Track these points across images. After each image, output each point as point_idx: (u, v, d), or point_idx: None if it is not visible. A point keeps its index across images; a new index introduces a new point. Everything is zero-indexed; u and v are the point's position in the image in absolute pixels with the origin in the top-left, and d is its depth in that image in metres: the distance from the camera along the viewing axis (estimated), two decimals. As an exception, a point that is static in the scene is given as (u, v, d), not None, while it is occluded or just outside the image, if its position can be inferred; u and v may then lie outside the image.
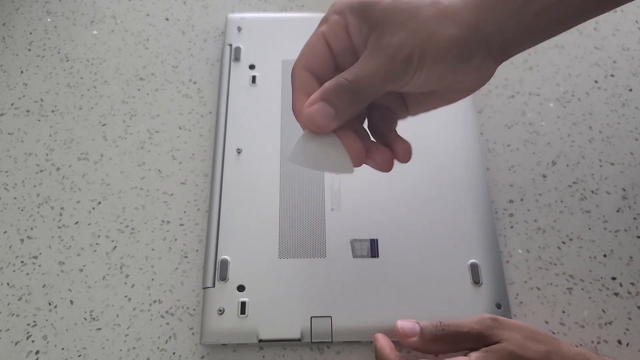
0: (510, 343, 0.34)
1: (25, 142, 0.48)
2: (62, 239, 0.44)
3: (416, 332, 0.36)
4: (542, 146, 0.48)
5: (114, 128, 0.48)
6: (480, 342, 0.35)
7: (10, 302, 0.41)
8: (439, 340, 0.35)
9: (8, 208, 0.45)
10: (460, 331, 0.35)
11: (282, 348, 0.40)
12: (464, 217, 0.42)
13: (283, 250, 0.41)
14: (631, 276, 0.42)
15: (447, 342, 0.35)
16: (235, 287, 0.40)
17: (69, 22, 0.54)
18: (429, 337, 0.36)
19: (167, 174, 0.46)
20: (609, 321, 0.41)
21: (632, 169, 0.47)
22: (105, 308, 0.41)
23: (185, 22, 0.54)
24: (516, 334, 0.35)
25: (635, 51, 0.53)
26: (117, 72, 0.51)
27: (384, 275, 0.40)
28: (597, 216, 0.45)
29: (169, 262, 0.43)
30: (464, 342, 0.35)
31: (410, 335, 0.36)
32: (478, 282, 0.40)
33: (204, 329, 0.39)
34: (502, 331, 0.35)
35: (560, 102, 0.50)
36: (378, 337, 0.37)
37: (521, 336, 0.35)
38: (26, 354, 0.40)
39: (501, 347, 0.34)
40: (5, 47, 0.52)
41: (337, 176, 0.44)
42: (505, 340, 0.34)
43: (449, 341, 0.35)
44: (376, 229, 0.42)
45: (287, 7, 0.55)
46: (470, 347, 0.35)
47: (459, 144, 0.46)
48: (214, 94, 0.50)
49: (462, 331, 0.35)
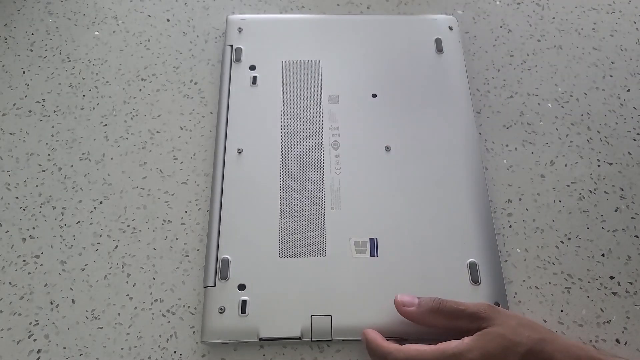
0: (503, 327, 0.35)
1: (27, 142, 0.48)
2: (64, 238, 0.44)
3: (414, 304, 0.37)
4: (541, 146, 0.48)
5: (115, 128, 0.49)
6: (474, 323, 0.36)
7: (12, 301, 0.42)
8: (435, 312, 0.37)
9: (10, 208, 0.45)
10: (457, 308, 0.36)
11: (283, 346, 0.40)
12: (463, 217, 0.43)
13: (283, 249, 0.41)
14: (629, 275, 0.43)
15: (443, 315, 0.36)
16: (236, 286, 0.40)
17: (70, 22, 0.54)
18: (426, 308, 0.37)
19: (168, 173, 0.47)
20: (607, 320, 0.41)
21: (630, 168, 0.47)
22: (106, 307, 0.41)
23: (186, 23, 0.54)
24: (511, 321, 0.36)
25: (633, 52, 0.53)
26: (118, 72, 0.51)
27: (384, 274, 0.40)
28: (596, 216, 0.45)
29: (170, 262, 0.43)
30: (459, 319, 0.36)
31: (408, 305, 0.37)
32: (477, 281, 0.40)
33: (205, 328, 0.39)
34: (497, 317, 0.36)
35: (559, 102, 0.50)
36: (367, 330, 0.38)
37: (516, 323, 0.35)
38: (28, 353, 0.40)
39: (493, 330, 0.35)
40: (7, 47, 0.53)
41: (337, 176, 0.44)
42: (499, 325, 0.35)
43: (445, 315, 0.36)
44: (376, 229, 0.42)
45: (287, 8, 0.55)
46: (464, 325, 0.36)
47: (457, 144, 0.46)
48: (214, 94, 0.50)
49: (459, 308, 0.36)
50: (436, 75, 0.49)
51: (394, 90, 0.48)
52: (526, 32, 0.54)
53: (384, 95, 0.48)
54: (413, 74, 0.49)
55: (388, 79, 0.49)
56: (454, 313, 0.36)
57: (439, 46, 0.51)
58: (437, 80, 0.49)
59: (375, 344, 0.37)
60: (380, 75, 0.49)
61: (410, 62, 0.50)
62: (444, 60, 0.50)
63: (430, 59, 0.50)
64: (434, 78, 0.49)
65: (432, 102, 0.48)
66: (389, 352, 0.35)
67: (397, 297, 0.38)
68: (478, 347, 0.34)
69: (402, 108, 0.48)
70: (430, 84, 0.49)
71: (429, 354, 0.34)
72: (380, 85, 0.49)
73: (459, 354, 0.34)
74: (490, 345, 0.34)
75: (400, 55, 0.50)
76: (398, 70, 0.49)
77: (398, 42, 0.51)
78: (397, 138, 0.46)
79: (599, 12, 0.55)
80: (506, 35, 0.54)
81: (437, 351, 0.34)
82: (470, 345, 0.34)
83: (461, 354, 0.34)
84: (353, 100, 0.48)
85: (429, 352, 0.35)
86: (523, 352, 0.34)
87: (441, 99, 0.48)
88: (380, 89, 0.48)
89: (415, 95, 0.48)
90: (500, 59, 0.52)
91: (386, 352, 0.36)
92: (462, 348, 0.34)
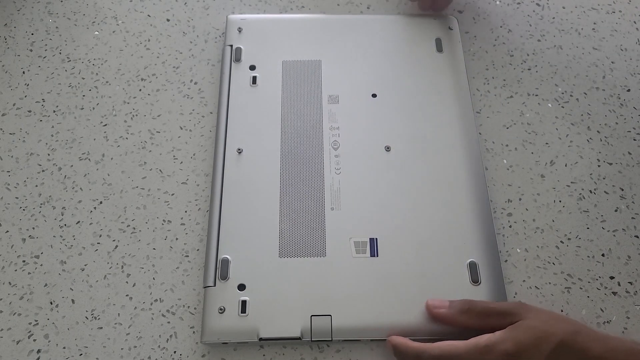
0: (534, 320, 0.35)
1: (27, 142, 0.48)
2: (64, 238, 0.44)
3: (445, 305, 0.38)
4: (541, 146, 0.48)
5: (115, 128, 0.49)
6: (506, 319, 0.36)
7: (12, 301, 0.42)
8: (466, 312, 0.37)
9: (10, 208, 0.45)
10: (488, 306, 0.37)
11: (282, 347, 0.40)
12: (463, 217, 0.43)
13: (283, 249, 0.41)
14: (629, 275, 0.43)
15: (474, 314, 0.37)
16: (236, 286, 0.40)
17: (70, 22, 0.54)
18: (457, 309, 0.37)
19: (168, 173, 0.47)
20: (607, 320, 0.41)
21: (630, 168, 0.47)
22: (106, 307, 0.41)
23: (186, 23, 0.54)
24: (543, 314, 0.36)
25: (633, 52, 0.53)
26: (118, 72, 0.51)
27: (384, 275, 0.40)
28: (596, 216, 0.45)
29: (170, 261, 0.43)
30: (490, 316, 0.36)
31: (440, 307, 0.38)
32: (477, 281, 0.40)
33: (205, 328, 0.39)
34: (529, 311, 0.36)
35: (559, 102, 0.50)
36: (392, 337, 0.38)
37: (548, 317, 0.35)
38: (27, 353, 0.40)
39: (525, 323, 0.35)
40: (7, 47, 0.53)
41: (337, 176, 0.44)
42: (530, 318, 0.35)
43: (476, 313, 0.37)
44: (376, 229, 0.42)
45: (287, 8, 0.55)
46: (496, 323, 0.36)
47: (457, 144, 0.46)
48: (214, 94, 0.50)
49: (490, 306, 0.37)
50: (436, 75, 0.49)
51: (394, 90, 0.48)
52: (526, 32, 0.54)
53: (384, 95, 0.48)
54: (413, 74, 0.49)
55: (388, 79, 0.49)
56: (485, 311, 0.37)
57: (439, 46, 0.51)
58: (437, 80, 0.49)
59: (405, 346, 0.37)
60: (380, 75, 0.49)
61: (410, 62, 0.50)
62: (444, 60, 0.50)
63: (430, 59, 0.50)
64: (434, 78, 0.49)
65: (432, 102, 0.48)
66: (422, 350, 0.36)
67: (428, 301, 0.39)
68: (510, 338, 0.34)
69: (402, 108, 0.48)
70: (430, 84, 0.49)
71: (462, 348, 0.35)
72: (380, 85, 0.49)
73: (492, 345, 0.34)
74: (523, 336, 0.34)
75: (400, 55, 0.50)
76: (398, 70, 0.49)
77: (398, 42, 0.51)
78: (397, 138, 0.46)
79: (599, 12, 0.55)
80: (506, 35, 0.54)
81: (469, 344, 0.35)
82: (503, 337, 0.34)
83: (494, 345, 0.34)
84: (353, 100, 0.48)
85: (462, 346, 0.35)
86: (556, 342, 0.34)
87: (441, 99, 0.48)
88: (380, 89, 0.48)
89: (415, 95, 0.48)
90: (500, 59, 0.52)
91: (419, 351, 0.36)
92: (494, 340, 0.34)
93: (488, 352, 0.34)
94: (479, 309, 0.37)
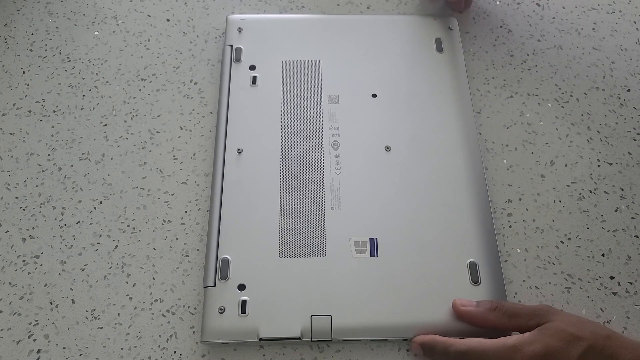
0: (563, 323, 0.35)
1: (27, 142, 0.48)
2: (64, 238, 0.44)
3: (472, 304, 0.38)
4: (541, 146, 0.48)
5: (115, 128, 0.49)
6: (533, 320, 0.36)
7: (12, 301, 0.42)
8: (493, 310, 0.37)
9: (10, 208, 0.45)
10: (515, 307, 0.37)
11: (282, 347, 0.40)
12: (463, 217, 0.43)
13: (283, 249, 0.41)
14: (629, 275, 0.43)
15: (501, 313, 0.37)
16: (236, 286, 0.40)
17: (70, 22, 0.54)
18: (485, 307, 0.38)
19: (168, 173, 0.47)
20: (608, 320, 0.41)
21: (630, 168, 0.47)
22: (106, 307, 0.41)
23: (186, 23, 0.54)
24: (572, 317, 0.36)
25: (633, 52, 0.53)
26: (118, 72, 0.51)
27: (384, 275, 0.40)
28: (596, 216, 0.45)
29: (170, 261, 0.43)
30: (517, 316, 0.37)
31: (467, 305, 0.38)
32: (477, 281, 0.40)
33: (205, 328, 0.39)
34: (557, 314, 0.36)
35: (559, 102, 0.50)
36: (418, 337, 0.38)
37: (577, 320, 0.35)
38: (27, 353, 0.40)
39: (554, 325, 0.35)
40: (7, 47, 0.53)
41: (337, 176, 0.44)
42: (559, 321, 0.35)
43: (504, 312, 0.37)
44: (376, 229, 0.42)
45: (287, 8, 0.55)
46: (523, 323, 0.36)
47: (457, 144, 0.46)
48: (214, 94, 0.50)
49: (517, 307, 0.37)
50: (436, 75, 0.49)
51: (394, 90, 0.48)
52: (526, 32, 0.54)
53: (384, 95, 0.48)
54: (413, 74, 0.49)
55: (388, 79, 0.49)
56: (513, 310, 0.37)
57: (439, 46, 0.51)
58: (437, 80, 0.49)
59: (434, 341, 0.37)
60: (380, 75, 0.49)
61: (410, 62, 0.50)
62: (444, 60, 0.50)
63: (430, 59, 0.50)
64: (434, 78, 0.49)
65: (432, 102, 0.48)
66: (450, 344, 0.36)
67: (455, 300, 0.39)
68: (539, 340, 0.34)
69: (402, 108, 0.48)
70: (430, 84, 0.49)
71: (489, 345, 0.35)
72: (380, 85, 0.49)
73: (520, 346, 0.34)
74: (551, 339, 0.34)
75: (400, 55, 0.50)
76: (398, 70, 0.49)
77: (398, 42, 0.51)
78: (397, 138, 0.46)
79: (599, 12, 0.55)
80: (506, 35, 0.54)
81: (497, 343, 0.35)
82: (532, 339, 0.34)
83: (522, 345, 0.34)
84: (353, 100, 0.48)
85: (490, 344, 0.35)
86: (586, 346, 0.34)
87: (441, 99, 0.48)
88: (380, 89, 0.48)
89: (415, 95, 0.48)
90: (500, 59, 0.52)
91: (448, 344, 0.36)
92: (523, 340, 0.34)
93: (516, 352, 0.34)
94: (506, 308, 0.37)
